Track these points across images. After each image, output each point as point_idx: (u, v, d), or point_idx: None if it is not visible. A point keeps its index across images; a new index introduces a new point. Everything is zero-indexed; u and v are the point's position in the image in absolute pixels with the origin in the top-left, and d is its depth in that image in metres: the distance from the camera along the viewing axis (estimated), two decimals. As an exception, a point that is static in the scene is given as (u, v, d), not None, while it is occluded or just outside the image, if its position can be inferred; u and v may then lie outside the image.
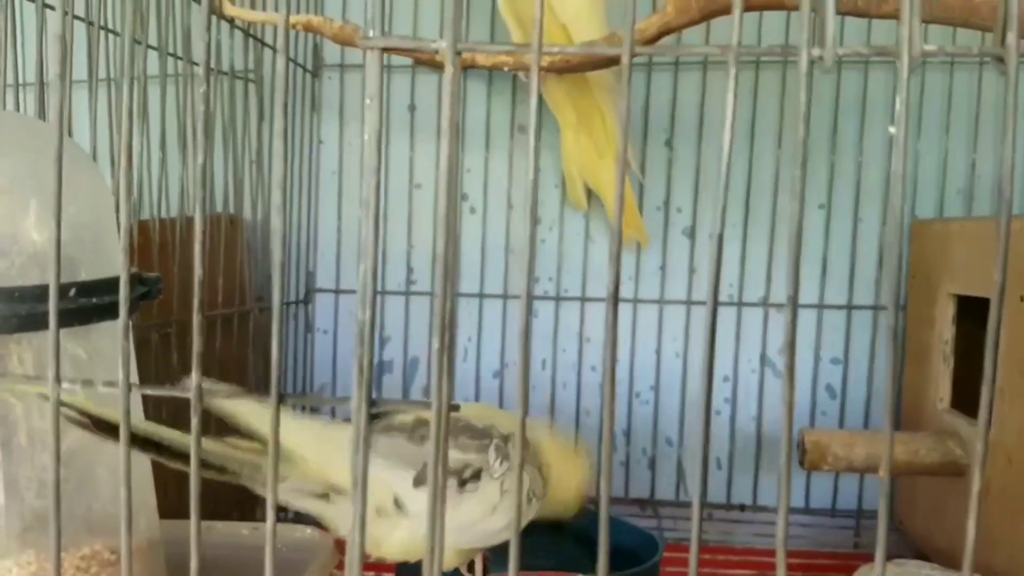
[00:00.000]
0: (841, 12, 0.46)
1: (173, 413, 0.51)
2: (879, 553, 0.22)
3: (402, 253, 0.74)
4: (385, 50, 0.23)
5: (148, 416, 0.37)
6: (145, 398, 0.38)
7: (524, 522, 0.47)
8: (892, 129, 0.20)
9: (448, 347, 0.24)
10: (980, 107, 0.68)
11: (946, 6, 0.39)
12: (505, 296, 0.73)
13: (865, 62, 0.67)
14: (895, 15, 0.42)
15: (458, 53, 0.23)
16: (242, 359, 0.65)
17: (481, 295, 0.73)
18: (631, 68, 0.22)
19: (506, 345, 0.74)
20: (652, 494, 0.72)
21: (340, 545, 0.45)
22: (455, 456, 0.45)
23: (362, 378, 0.24)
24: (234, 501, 0.63)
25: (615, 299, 0.23)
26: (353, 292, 0.75)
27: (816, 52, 0.21)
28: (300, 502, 0.43)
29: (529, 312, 0.24)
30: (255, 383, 0.67)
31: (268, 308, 0.71)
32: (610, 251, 0.22)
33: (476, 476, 0.45)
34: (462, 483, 0.45)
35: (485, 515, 0.46)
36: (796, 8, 0.46)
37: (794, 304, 0.21)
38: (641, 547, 0.50)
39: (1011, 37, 0.20)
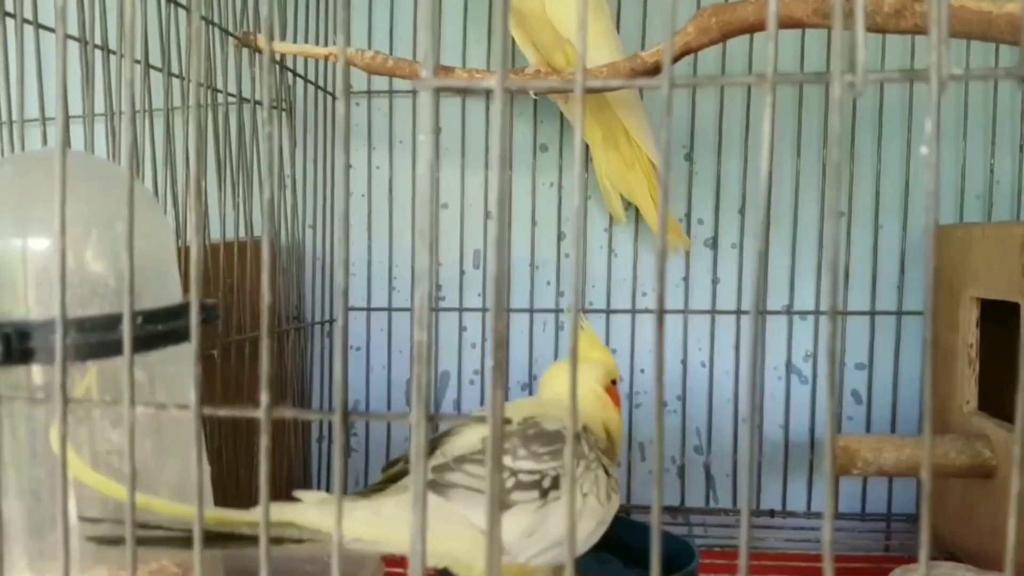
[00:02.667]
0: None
1: (232, 434, 0.53)
2: (923, 555, 0.23)
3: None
4: (438, 90, 0.25)
5: (205, 438, 0.38)
6: (203, 421, 0.39)
7: (608, 522, 0.45)
8: (924, 150, 0.21)
9: (503, 364, 0.26)
10: (997, 112, 0.69)
11: (964, 20, 0.40)
12: (531, 310, 0.75)
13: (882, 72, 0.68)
14: (912, 30, 0.43)
15: (507, 91, 0.24)
16: (280, 377, 0.67)
17: (508, 309, 0.75)
18: (671, 98, 0.24)
19: (533, 358, 0.75)
20: (682, 502, 0.73)
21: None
22: (531, 467, 0.43)
23: (420, 395, 0.26)
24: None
25: (661, 315, 0.24)
26: (384, 309, 0.76)
27: (848, 78, 0.22)
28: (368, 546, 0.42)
29: (576, 323, 0.25)
30: (292, 400, 0.69)
31: (303, 328, 0.73)
32: (657, 269, 0.24)
33: (556, 484, 0.43)
34: (544, 493, 0.42)
35: (575, 522, 0.44)
36: (812, 26, 0.47)
37: (834, 314, 0.23)
38: (676, 554, 0.51)
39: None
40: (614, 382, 0.51)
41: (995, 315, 0.60)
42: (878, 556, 0.68)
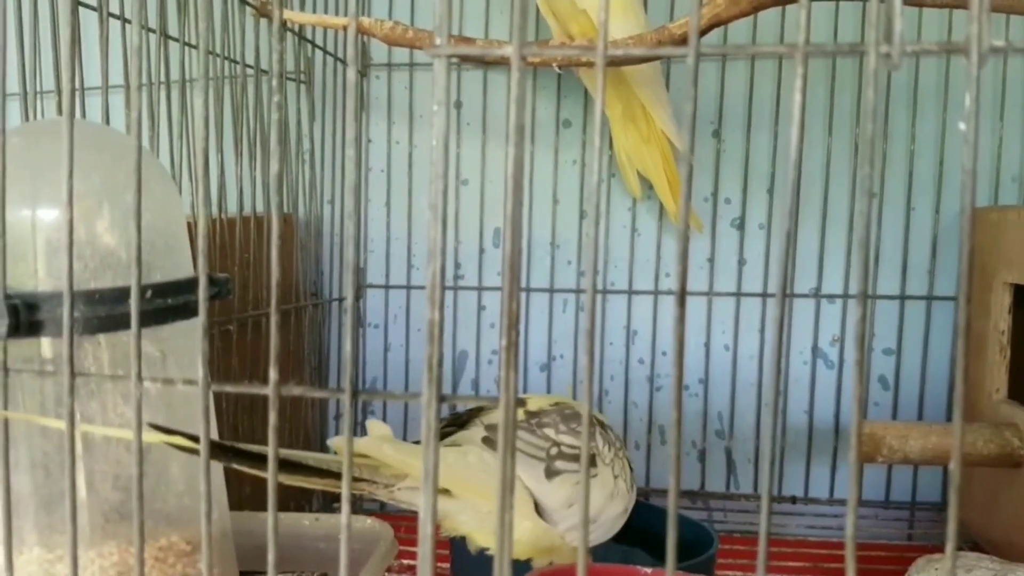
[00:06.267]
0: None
1: (248, 410, 0.52)
2: (950, 547, 0.22)
3: (450, 248, 0.75)
4: (453, 56, 0.24)
5: (219, 413, 0.38)
6: (217, 396, 0.39)
7: (629, 511, 0.48)
8: (963, 126, 0.20)
9: (515, 344, 0.25)
10: (1035, 93, 0.67)
11: (1005, -7, 0.39)
12: (551, 290, 0.74)
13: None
14: (949, 4, 0.42)
15: (524, 58, 0.23)
16: (297, 353, 0.67)
17: (528, 289, 0.74)
18: (697, 68, 0.23)
19: (552, 339, 0.74)
20: (702, 486, 0.72)
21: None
22: (571, 442, 0.45)
23: (432, 375, 0.25)
24: (291, 493, 0.65)
25: (683, 297, 0.23)
26: (402, 287, 0.76)
27: (884, 49, 0.21)
28: (417, 499, 0.43)
29: (594, 304, 0.24)
30: (309, 376, 0.68)
31: (321, 304, 0.72)
32: (678, 250, 0.23)
33: (593, 462, 0.45)
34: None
35: (607, 501, 0.46)
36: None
37: (864, 298, 0.21)
38: (695, 540, 0.51)
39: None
40: None
41: (1028, 301, 0.58)
42: (901, 545, 0.67)
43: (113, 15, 0.44)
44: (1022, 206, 0.67)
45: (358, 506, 0.70)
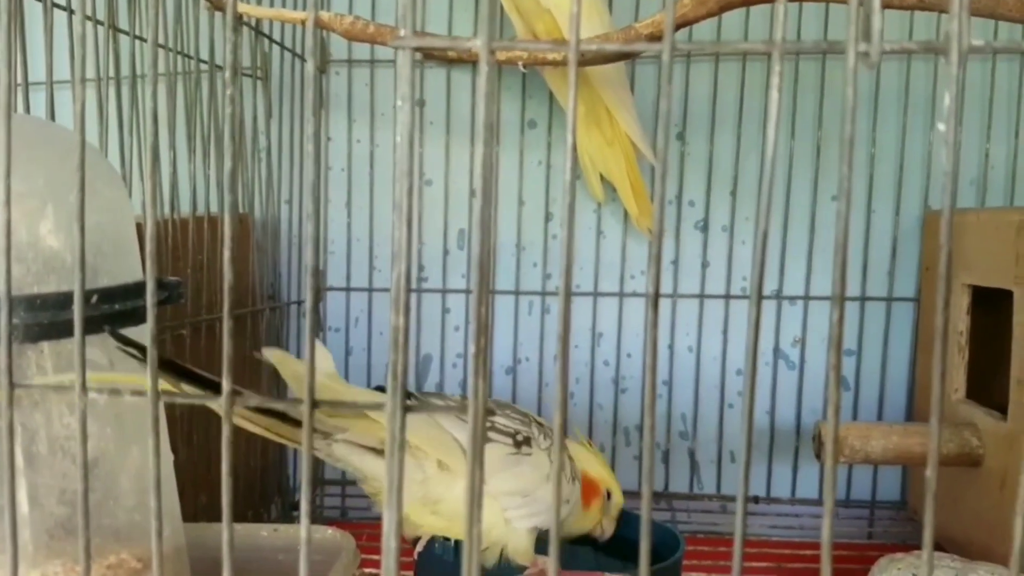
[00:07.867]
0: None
1: (204, 417, 0.50)
2: (926, 551, 0.22)
3: (413, 250, 0.73)
4: (417, 50, 0.23)
5: (172, 422, 0.36)
6: (169, 405, 0.37)
7: (572, 502, 0.50)
8: (941, 126, 0.20)
9: (485, 350, 0.24)
10: (993, 97, 0.67)
11: (969, -5, 0.39)
12: (517, 292, 0.73)
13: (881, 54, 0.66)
14: (918, 6, 0.42)
15: (493, 52, 0.22)
16: (253, 360, 0.65)
17: (492, 291, 0.73)
18: (672, 64, 0.22)
19: (518, 341, 0.73)
20: (666, 487, 0.72)
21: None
22: (505, 423, 0.48)
23: (396, 383, 0.24)
24: (248, 503, 0.63)
25: (656, 299, 0.22)
26: (364, 290, 0.74)
27: (863, 47, 0.21)
28: (353, 457, 0.44)
29: (568, 307, 0.23)
30: (267, 383, 0.67)
31: (279, 307, 0.71)
32: (650, 253, 0.22)
33: (527, 442, 0.48)
34: (517, 444, 0.47)
35: (542, 482, 0.48)
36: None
37: (841, 302, 0.21)
38: (661, 543, 0.50)
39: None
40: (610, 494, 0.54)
41: (984, 302, 0.59)
42: (861, 544, 0.67)
43: (58, 5, 0.42)
44: (980, 209, 0.68)
45: (318, 515, 0.69)
